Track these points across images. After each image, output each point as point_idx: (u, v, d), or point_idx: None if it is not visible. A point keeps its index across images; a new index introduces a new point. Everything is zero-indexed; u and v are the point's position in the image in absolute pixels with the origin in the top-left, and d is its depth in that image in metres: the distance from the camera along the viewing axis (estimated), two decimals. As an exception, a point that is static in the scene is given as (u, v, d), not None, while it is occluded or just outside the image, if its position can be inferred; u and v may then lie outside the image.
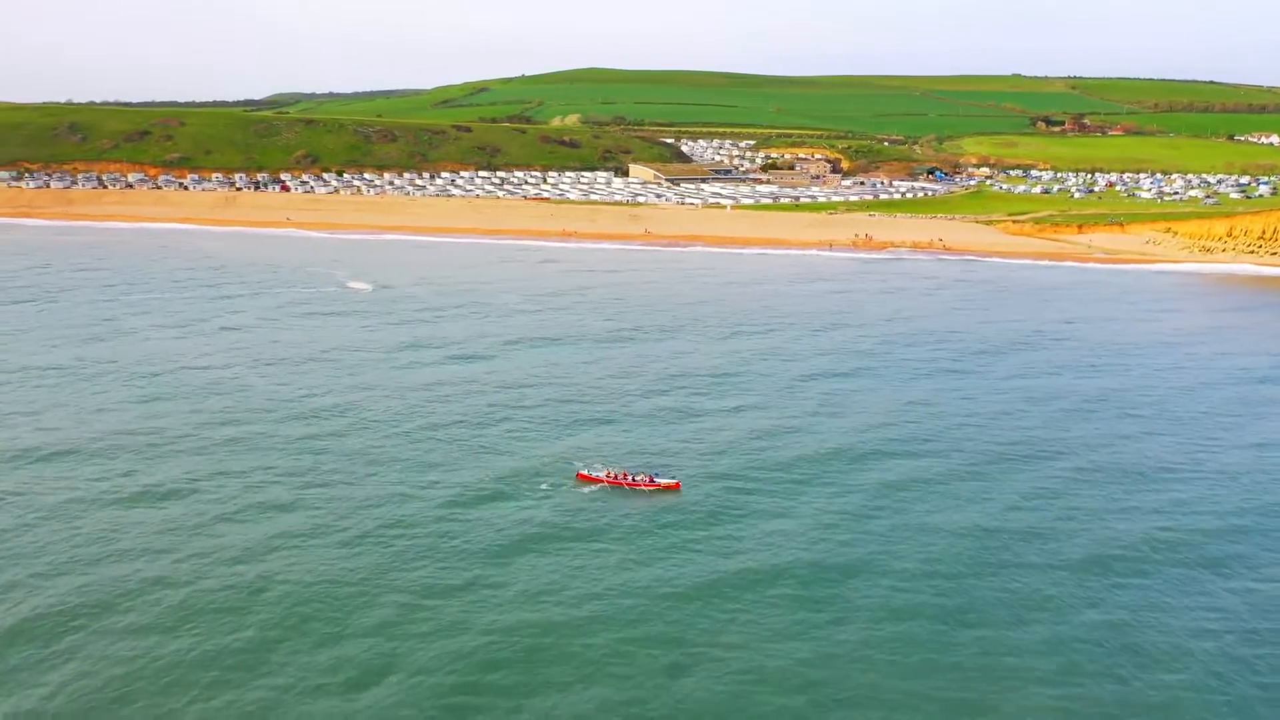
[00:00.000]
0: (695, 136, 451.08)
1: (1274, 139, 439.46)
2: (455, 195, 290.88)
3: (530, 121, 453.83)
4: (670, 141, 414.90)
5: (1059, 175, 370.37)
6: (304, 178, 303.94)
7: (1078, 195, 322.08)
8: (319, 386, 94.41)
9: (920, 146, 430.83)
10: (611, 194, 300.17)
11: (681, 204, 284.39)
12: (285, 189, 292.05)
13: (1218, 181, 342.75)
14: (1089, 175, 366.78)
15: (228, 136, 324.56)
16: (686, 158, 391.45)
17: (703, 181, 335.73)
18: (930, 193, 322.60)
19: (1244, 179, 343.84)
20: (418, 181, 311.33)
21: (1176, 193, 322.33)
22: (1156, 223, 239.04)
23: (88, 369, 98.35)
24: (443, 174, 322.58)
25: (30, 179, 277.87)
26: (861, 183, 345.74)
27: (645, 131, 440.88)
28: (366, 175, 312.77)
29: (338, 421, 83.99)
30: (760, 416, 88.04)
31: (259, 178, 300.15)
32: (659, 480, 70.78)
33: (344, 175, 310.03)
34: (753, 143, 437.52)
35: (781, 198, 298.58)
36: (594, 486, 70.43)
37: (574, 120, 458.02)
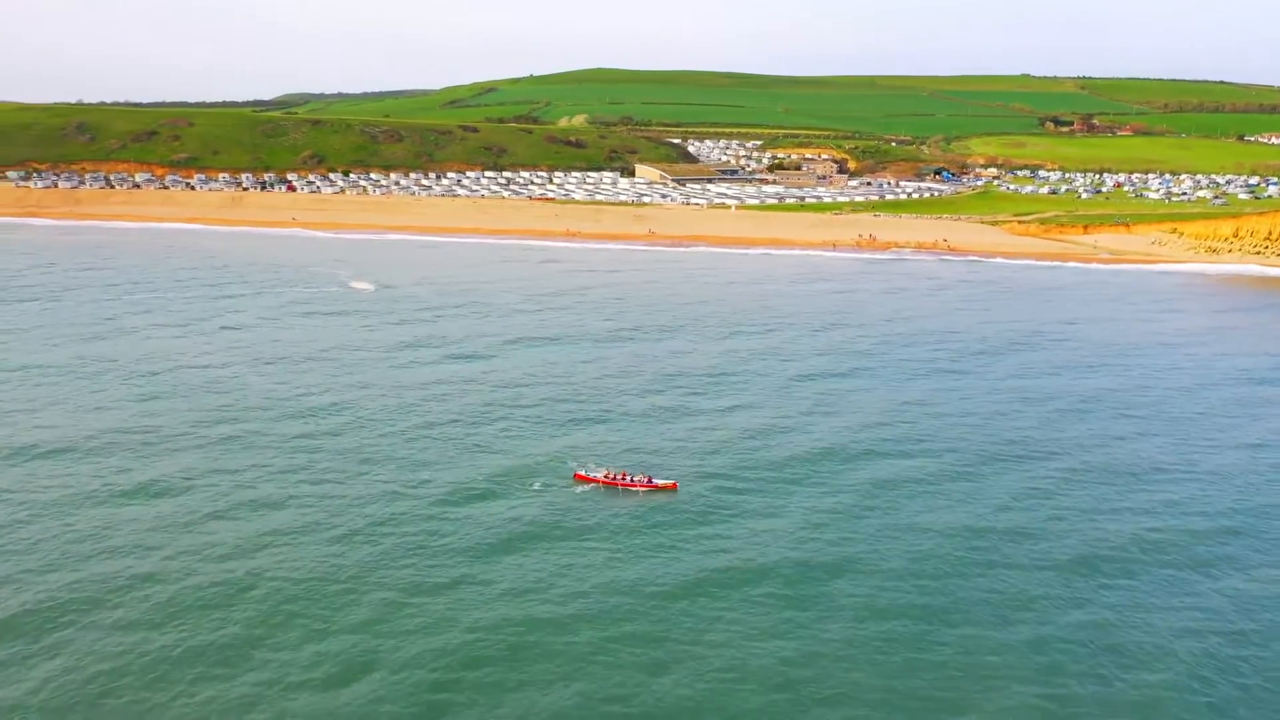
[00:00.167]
0: (702, 137, 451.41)
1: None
2: (461, 195, 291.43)
3: (537, 122, 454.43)
4: (677, 142, 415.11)
5: (1067, 176, 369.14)
6: (310, 178, 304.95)
7: (1085, 196, 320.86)
8: (316, 385, 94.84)
9: (928, 147, 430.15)
10: (617, 194, 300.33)
11: (687, 204, 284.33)
12: (291, 189, 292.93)
13: (1227, 182, 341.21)
14: (1097, 176, 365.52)
15: (235, 137, 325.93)
16: (693, 158, 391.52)
17: (708, 182, 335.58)
18: (936, 193, 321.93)
19: (1253, 180, 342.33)
20: (424, 182, 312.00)
21: (1185, 193, 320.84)
22: (1163, 223, 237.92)
23: (87, 367, 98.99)
24: (449, 174, 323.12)
25: (38, 179, 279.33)
26: (868, 183, 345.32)
27: (652, 132, 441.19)
28: (373, 175, 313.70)
29: (334, 420, 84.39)
30: (755, 416, 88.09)
31: (266, 178, 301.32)
32: (657, 481, 70.81)
33: (350, 175, 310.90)
34: (759, 143, 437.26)
35: (787, 198, 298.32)
36: (589, 486, 70.55)
37: (581, 120, 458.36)
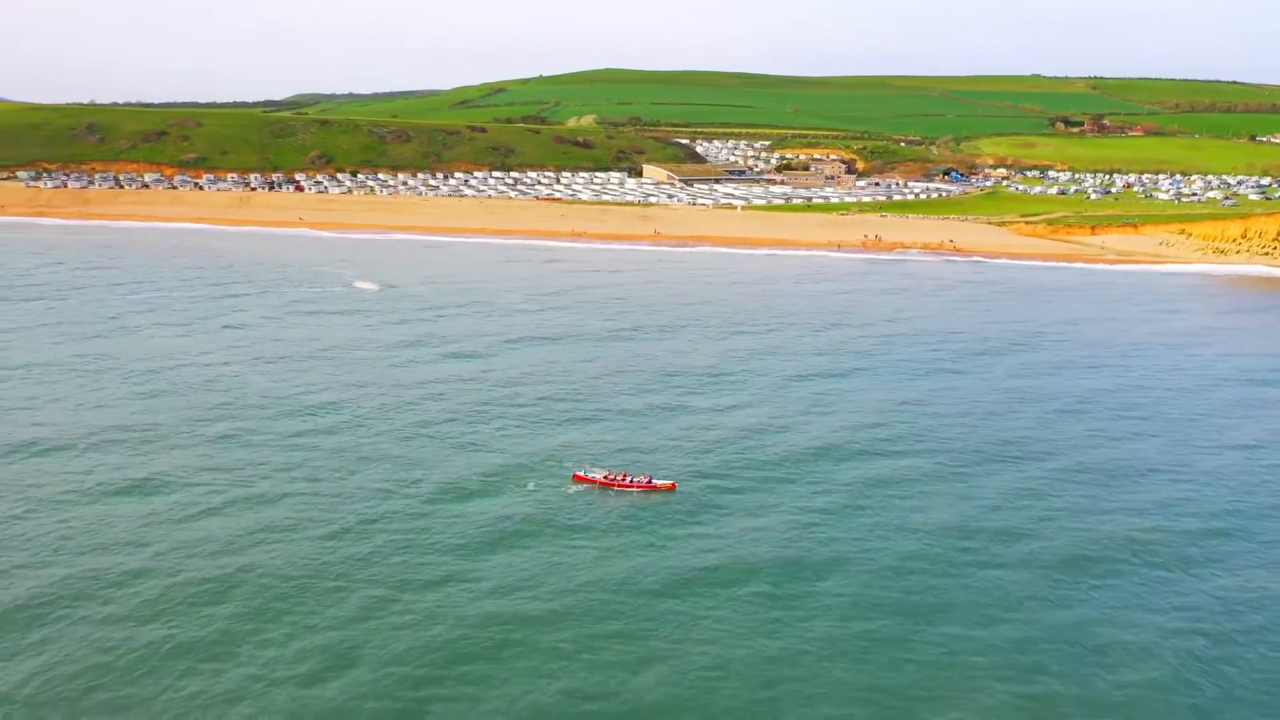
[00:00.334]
0: (711, 137, 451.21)
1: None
2: (468, 196, 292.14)
3: (545, 122, 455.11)
4: (685, 142, 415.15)
5: (1076, 176, 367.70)
6: (318, 178, 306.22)
7: (1094, 196, 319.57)
8: (316, 384, 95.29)
9: (937, 147, 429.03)
10: (623, 194, 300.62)
11: (693, 204, 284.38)
12: (299, 189, 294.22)
13: (1238, 183, 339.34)
14: (1106, 176, 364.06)
15: (244, 137, 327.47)
16: (701, 158, 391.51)
17: (716, 182, 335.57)
18: (944, 194, 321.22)
19: (1265, 180, 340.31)
20: (431, 182, 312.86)
21: (1195, 194, 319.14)
22: (1171, 224, 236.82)
23: (89, 365, 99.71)
24: (456, 174, 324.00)
25: (48, 179, 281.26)
26: (876, 183, 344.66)
27: (660, 132, 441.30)
28: (380, 175, 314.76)
29: (331, 418, 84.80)
30: (751, 415, 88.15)
31: (274, 178, 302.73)
32: (656, 481, 70.68)
33: (358, 175, 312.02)
34: (768, 143, 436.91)
35: (794, 198, 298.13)
36: (587, 486, 70.54)
37: (590, 121, 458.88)
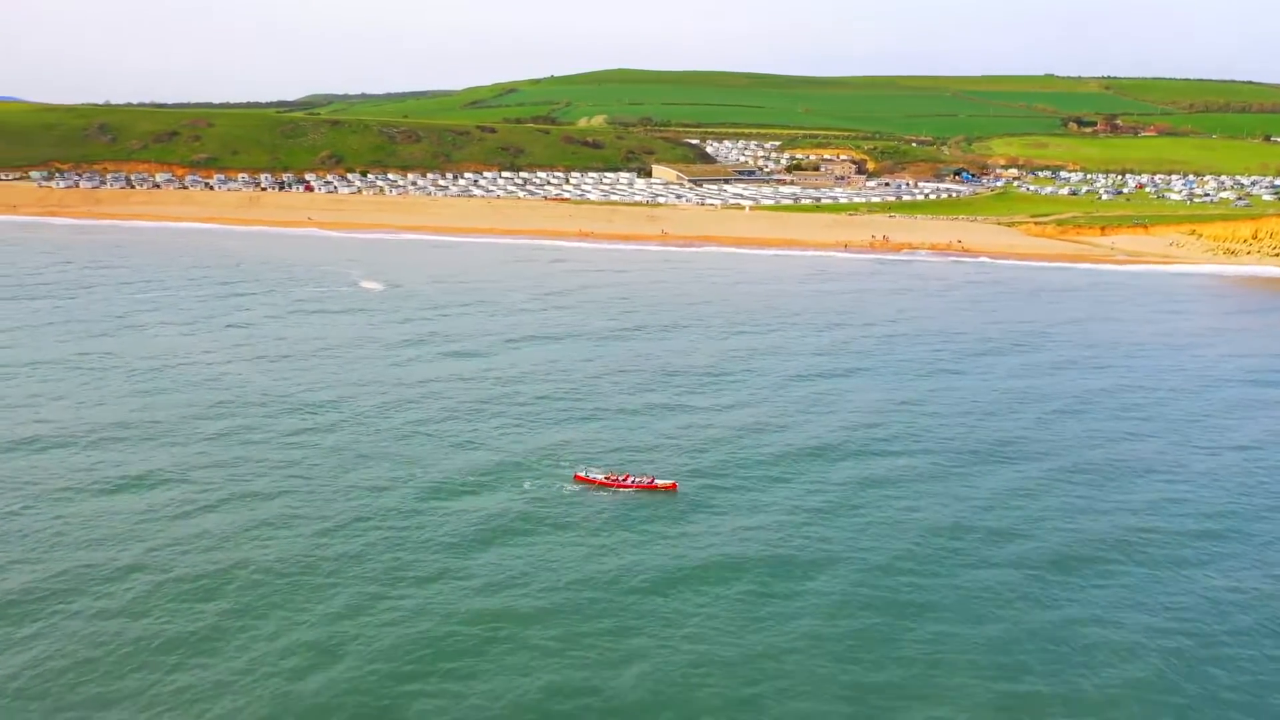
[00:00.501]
0: (721, 138, 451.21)
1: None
2: (477, 196, 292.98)
3: (556, 122, 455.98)
4: (695, 142, 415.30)
5: (1088, 176, 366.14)
6: (328, 178, 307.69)
7: (1106, 197, 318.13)
8: (317, 382, 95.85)
9: (948, 147, 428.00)
10: (632, 195, 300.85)
11: (702, 205, 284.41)
12: (309, 189, 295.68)
13: (1252, 183, 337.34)
14: (1118, 177, 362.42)
15: (255, 137, 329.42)
16: (710, 158, 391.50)
17: (725, 182, 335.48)
18: (955, 194, 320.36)
19: (1279, 180, 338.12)
20: (440, 182, 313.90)
21: (1208, 194, 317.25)
22: (1181, 225, 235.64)
23: (93, 363, 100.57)
24: (465, 174, 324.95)
25: (60, 179, 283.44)
26: (886, 184, 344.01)
27: (670, 132, 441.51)
28: (390, 175, 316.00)
29: (331, 416, 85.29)
30: (750, 414, 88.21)
31: (284, 178, 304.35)
32: (658, 482, 70.64)
33: (368, 176, 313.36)
34: (778, 144, 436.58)
35: (803, 198, 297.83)
36: (586, 486, 70.67)
37: (600, 121, 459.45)
